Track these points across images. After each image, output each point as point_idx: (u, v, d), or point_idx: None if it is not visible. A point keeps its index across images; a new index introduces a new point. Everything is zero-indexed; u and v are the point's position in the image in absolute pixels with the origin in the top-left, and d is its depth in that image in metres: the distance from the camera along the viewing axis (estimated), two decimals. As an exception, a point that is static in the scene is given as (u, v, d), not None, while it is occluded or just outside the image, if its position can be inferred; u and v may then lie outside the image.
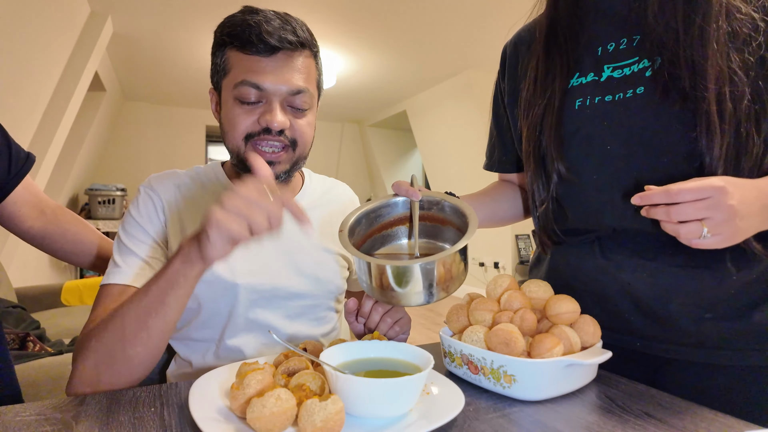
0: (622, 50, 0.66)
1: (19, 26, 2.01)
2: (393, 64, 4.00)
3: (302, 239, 0.81)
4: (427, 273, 0.58)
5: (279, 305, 0.77)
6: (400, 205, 0.72)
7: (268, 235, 0.55)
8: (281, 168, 0.74)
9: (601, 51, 0.68)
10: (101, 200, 4.14)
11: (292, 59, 0.70)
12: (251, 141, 0.71)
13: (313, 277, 0.80)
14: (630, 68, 0.65)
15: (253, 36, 0.67)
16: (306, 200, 0.86)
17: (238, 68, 0.70)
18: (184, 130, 5.49)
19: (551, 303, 0.61)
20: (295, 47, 0.70)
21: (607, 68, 0.67)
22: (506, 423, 0.48)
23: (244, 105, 0.70)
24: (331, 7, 2.84)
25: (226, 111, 0.72)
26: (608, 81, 0.66)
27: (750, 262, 0.59)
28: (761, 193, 0.52)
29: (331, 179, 0.97)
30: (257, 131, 0.70)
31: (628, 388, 0.58)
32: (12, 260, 2.60)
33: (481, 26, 3.17)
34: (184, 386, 0.58)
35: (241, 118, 0.70)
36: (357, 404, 0.47)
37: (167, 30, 3.14)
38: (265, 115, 0.69)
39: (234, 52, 0.70)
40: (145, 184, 0.77)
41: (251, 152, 0.62)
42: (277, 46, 0.68)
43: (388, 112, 5.70)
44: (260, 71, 0.68)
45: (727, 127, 0.55)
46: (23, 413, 0.49)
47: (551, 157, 0.69)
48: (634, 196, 0.53)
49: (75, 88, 2.68)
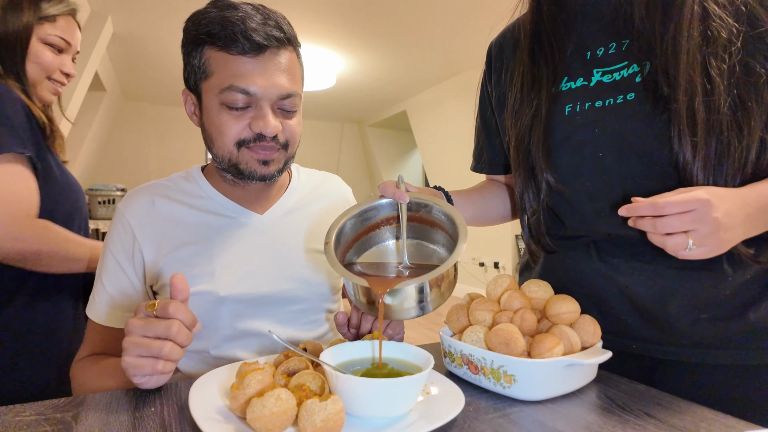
0: (612, 54, 0.65)
1: (19, 26, 2.01)
2: (393, 64, 4.00)
3: (288, 242, 0.79)
4: (419, 290, 0.57)
5: (268, 312, 0.75)
6: (387, 207, 0.69)
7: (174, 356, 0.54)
8: (275, 167, 0.73)
9: (590, 55, 0.67)
10: (101, 200, 4.14)
11: (278, 57, 0.68)
12: (244, 146, 0.69)
13: (302, 281, 0.77)
14: (620, 73, 0.64)
15: (237, 34, 0.64)
16: (294, 198, 0.83)
17: (224, 72, 0.66)
18: (184, 130, 5.50)
19: (551, 303, 0.61)
20: (282, 44, 0.68)
21: (597, 72, 0.66)
22: (506, 423, 0.48)
23: (232, 111, 0.67)
24: (331, 7, 2.84)
25: (212, 117, 0.69)
26: (598, 86, 0.66)
27: (745, 263, 0.59)
28: (744, 203, 0.52)
29: (321, 173, 0.93)
30: (250, 138, 0.69)
31: (628, 388, 0.58)
32: (12, 260, 2.60)
33: (481, 26, 3.17)
34: (184, 386, 0.58)
35: (230, 124, 0.68)
36: (357, 404, 0.47)
37: (167, 30, 3.14)
38: (257, 121, 0.68)
39: (215, 52, 0.67)
40: (119, 207, 0.76)
41: (174, 277, 0.56)
42: (263, 44, 0.65)
43: (388, 112, 5.70)
44: (247, 74, 0.65)
45: (700, 137, 0.55)
46: (23, 413, 0.49)
47: (540, 168, 0.69)
48: (621, 207, 0.53)
49: (75, 88, 2.68)
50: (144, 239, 0.72)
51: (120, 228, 0.73)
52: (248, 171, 0.71)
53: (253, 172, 0.71)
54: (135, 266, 0.73)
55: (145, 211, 0.74)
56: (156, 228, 0.73)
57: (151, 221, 0.74)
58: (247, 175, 0.72)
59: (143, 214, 0.74)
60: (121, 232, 0.73)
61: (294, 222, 0.81)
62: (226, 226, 0.76)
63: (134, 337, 0.52)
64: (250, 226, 0.77)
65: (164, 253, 0.72)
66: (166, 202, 0.76)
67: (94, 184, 4.32)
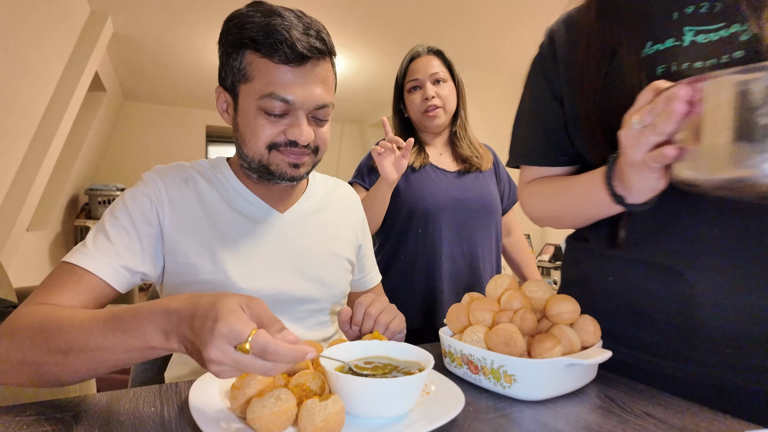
0: (704, 14, 0.59)
1: (19, 26, 2.01)
2: (393, 64, 4.00)
3: (306, 242, 0.80)
4: None
5: (283, 310, 0.76)
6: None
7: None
8: (304, 170, 0.74)
9: (678, 15, 0.61)
10: (101, 200, 4.15)
11: (317, 68, 0.69)
12: (275, 149, 0.71)
13: (318, 281, 0.79)
14: (717, 33, 0.57)
15: (282, 43, 0.65)
16: (311, 201, 0.86)
17: (265, 78, 0.67)
18: (184, 130, 5.50)
19: (551, 303, 0.61)
20: (323, 55, 0.69)
21: (689, 31, 0.59)
22: (506, 423, 0.48)
23: (269, 116, 0.69)
24: (331, 7, 2.84)
25: (248, 119, 0.70)
26: (692, 46, 0.59)
27: None
28: None
29: (333, 179, 0.96)
30: (283, 142, 0.70)
31: (628, 388, 0.58)
32: (12, 260, 2.60)
33: (481, 27, 3.17)
34: (184, 386, 0.58)
35: (266, 128, 0.69)
36: (357, 404, 0.47)
37: (167, 30, 3.14)
38: (292, 129, 0.69)
39: (257, 57, 0.67)
40: (149, 174, 0.75)
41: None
42: (306, 55, 0.66)
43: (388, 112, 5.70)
44: (288, 83, 0.67)
45: None
46: (23, 413, 0.49)
47: None
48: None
49: (75, 88, 2.68)
50: (172, 212, 0.72)
51: (146, 198, 0.71)
52: (279, 172, 0.73)
53: (283, 173, 0.73)
54: (142, 234, 0.69)
55: (177, 188, 0.75)
56: (182, 206, 0.73)
57: (182, 198, 0.74)
58: (277, 176, 0.73)
59: (175, 189, 0.74)
60: (146, 200, 0.71)
61: (312, 223, 0.83)
62: (249, 221, 0.77)
63: (228, 369, 0.43)
64: (272, 224, 0.78)
65: (186, 234, 0.72)
66: (196, 184, 0.77)
67: (94, 184, 4.32)
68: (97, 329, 0.50)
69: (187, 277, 0.71)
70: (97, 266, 0.63)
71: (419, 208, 1.24)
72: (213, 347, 0.41)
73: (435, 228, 1.23)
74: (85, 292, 0.62)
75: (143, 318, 0.48)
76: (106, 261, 0.64)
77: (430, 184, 1.26)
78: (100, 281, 0.63)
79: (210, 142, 6.00)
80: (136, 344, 0.48)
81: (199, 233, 0.73)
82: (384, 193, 1.16)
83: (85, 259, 0.63)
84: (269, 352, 0.41)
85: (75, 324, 0.52)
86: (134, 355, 0.49)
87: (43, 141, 2.53)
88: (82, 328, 0.51)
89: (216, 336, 0.41)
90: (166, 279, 0.73)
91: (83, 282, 0.62)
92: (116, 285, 0.65)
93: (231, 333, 0.41)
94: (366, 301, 0.71)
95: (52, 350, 0.51)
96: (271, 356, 0.41)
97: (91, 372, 0.52)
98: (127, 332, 0.48)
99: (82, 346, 0.50)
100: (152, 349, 0.48)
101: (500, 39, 3.41)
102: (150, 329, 0.47)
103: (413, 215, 1.24)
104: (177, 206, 0.73)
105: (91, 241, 0.66)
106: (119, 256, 0.65)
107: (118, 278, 0.65)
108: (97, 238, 0.66)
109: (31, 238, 3.12)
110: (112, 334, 0.49)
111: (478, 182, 1.31)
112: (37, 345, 0.52)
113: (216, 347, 0.41)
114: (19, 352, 0.53)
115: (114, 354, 0.49)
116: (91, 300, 0.63)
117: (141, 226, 0.69)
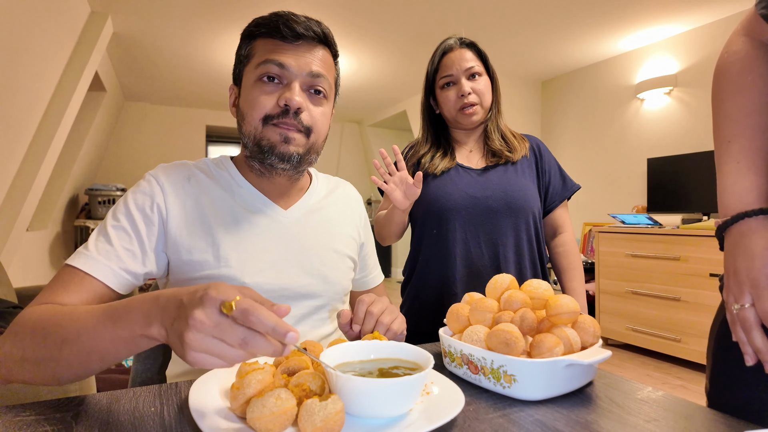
0: None
1: (19, 26, 2.01)
2: (393, 64, 4.00)
3: (309, 239, 0.81)
4: None
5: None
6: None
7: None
8: (295, 149, 0.74)
9: None
10: (101, 200, 4.14)
11: (314, 48, 0.75)
12: (270, 123, 0.73)
13: (321, 278, 0.80)
14: None
15: (280, 23, 0.72)
16: (314, 199, 0.87)
17: (262, 51, 0.74)
18: (184, 130, 5.49)
19: (551, 303, 0.61)
20: (320, 39, 0.75)
21: None
22: (506, 423, 0.48)
23: (265, 85, 0.72)
24: (331, 7, 2.84)
25: (247, 94, 0.75)
26: None
27: None
28: None
29: (335, 178, 0.97)
30: (276, 113, 0.72)
31: (628, 388, 0.58)
32: (12, 260, 2.60)
33: (480, 26, 3.17)
34: (184, 386, 0.58)
35: (262, 98, 0.72)
36: (357, 404, 0.47)
37: (167, 30, 3.14)
38: (284, 93, 0.72)
39: (260, 40, 0.75)
40: (151, 173, 0.75)
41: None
42: (302, 33, 0.73)
43: (388, 112, 5.70)
44: (283, 52, 0.73)
45: None
46: (23, 413, 0.49)
47: None
48: None
49: (75, 88, 2.68)
50: (174, 212, 0.72)
51: (147, 198, 0.72)
52: (269, 147, 0.73)
53: (273, 147, 0.73)
54: (145, 235, 0.69)
55: (180, 186, 0.75)
56: (185, 203, 0.74)
57: (184, 197, 0.74)
58: (268, 152, 0.73)
59: (178, 188, 0.75)
60: (147, 200, 0.71)
61: (315, 221, 0.84)
62: (253, 216, 0.78)
63: (204, 336, 0.41)
64: (275, 220, 0.79)
65: (189, 231, 0.72)
66: (199, 181, 0.78)
67: (94, 184, 4.32)
68: (90, 320, 0.51)
69: (191, 273, 0.72)
70: (97, 269, 0.64)
71: (433, 209, 1.19)
72: (199, 310, 0.41)
73: (448, 229, 1.17)
74: (86, 295, 0.63)
75: (133, 307, 0.49)
76: (107, 264, 0.64)
77: (449, 184, 1.21)
78: (100, 284, 0.64)
79: (210, 142, 5.99)
80: (122, 333, 0.48)
81: (203, 230, 0.73)
82: (399, 217, 1.13)
83: (87, 263, 0.64)
84: (251, 314, 0.40)
85: (72, 317, 0.53)
86: (120, 347, 0.49)
87: (43, 141, 2.53)
88: (78, 320, 0.52)
89: (205, 300, 0.41)
90: (171, 276, 0.73)
91: (84, 285, 0.63)
92: (117, 287, 0.66)
93: (219, 295, 0.41)
94: (367, 299, 0.72)
95: (49, 345, 0.52)
96: (252, 320, 0.40)
97: (83, 366, 0.52)
98: (117, 322, 0.49)
99: (74, 337, 0.51)
100: (135, 338, 0.48)
101: (499, 39, 3.42)
102: (135, 316, 0.48)
103: (428, 216, 1.21)
104: (180, 203, 0.73)
105: (92, 243, 0.66)
106: (120, 258, 0.66)
107: (118, 281, 0.65)
108: (99, 241, 0.67)
109: (31, 238, 3.12)
110: (102, 324, 0.50)
111: (506, 176, 1.21)
112: (36, 341, 0.53)
113: (202, 309, 0.41)
114: (21, 349, 0.53)
115: (102, 343, 0.49)
116: (93, 302, 0.63)
117: (142, 226, 0.69)
